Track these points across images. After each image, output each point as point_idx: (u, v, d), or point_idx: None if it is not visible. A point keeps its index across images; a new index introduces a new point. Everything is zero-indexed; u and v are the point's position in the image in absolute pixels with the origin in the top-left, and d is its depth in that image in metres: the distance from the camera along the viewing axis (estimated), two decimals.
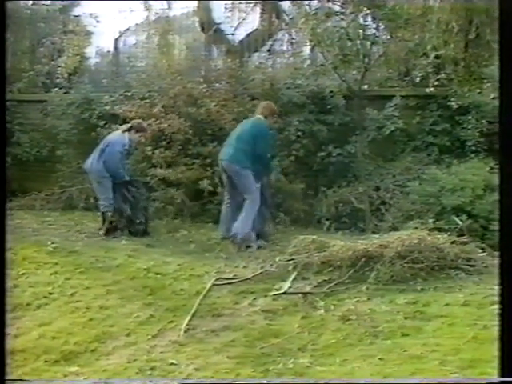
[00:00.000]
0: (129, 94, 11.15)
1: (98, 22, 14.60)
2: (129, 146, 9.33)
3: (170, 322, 6.41)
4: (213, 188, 9.82)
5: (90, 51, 15.23)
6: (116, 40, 14.33)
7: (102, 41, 17.48)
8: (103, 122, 10.80)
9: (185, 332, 6.16)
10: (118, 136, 9.41)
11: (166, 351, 5.88)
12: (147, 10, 14.17)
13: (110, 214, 9.15)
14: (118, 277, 7.46)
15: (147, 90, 10.99)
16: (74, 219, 10.20)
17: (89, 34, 14.89)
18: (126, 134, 9.33)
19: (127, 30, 14.76)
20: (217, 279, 7.18)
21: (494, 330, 5.71)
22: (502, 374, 3.20)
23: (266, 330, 6.16)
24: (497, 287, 6.55)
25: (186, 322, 6.30)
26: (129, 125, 9.48)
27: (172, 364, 5.64)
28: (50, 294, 7.13)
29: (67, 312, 6.73)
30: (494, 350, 5.38)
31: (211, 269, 7.56)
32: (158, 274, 7.50)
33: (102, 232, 9.19)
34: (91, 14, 14.51)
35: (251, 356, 5.71)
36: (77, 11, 15.20)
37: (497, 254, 7.68)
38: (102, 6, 15.65)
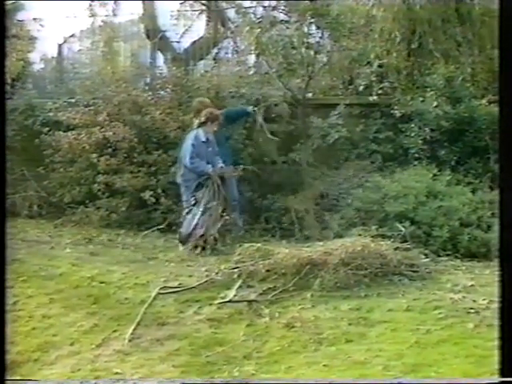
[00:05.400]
0: (73, 100, 11.02)
1: (42, 26, 14.38)
2: (206, 139, 9.08)
3: (115, 331, 6.37)
4: (155, 199, 9.79)
5: (34, 57, 14.95)
6: (60, 46, 14.19)
7: (46, 46, 17.21)
8: (47, 129, 10.65)
9: (129, 341, 6.13)
10: (189, 134, 9.29)
11: (111, 360, 5.84)
12: (92, 16, 14.06)
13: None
14: (62, 285, 7.39)
15: (91, 97, 10.88)
16: (17, 227, 10.04)
17: (33, 39, 14.61)
18: (200, 128, 9.14)
19: (72, 35, 14.64)
20: (161, 288, 7.14)
21: (437, 335, 5.82)
22: (502, 374, 3.26)
23: (211, 338, 6.15)
24: (439, 292, 6.69)
25: (130, 331, 6.27)
26: (202, 119, 9.19)
27: (116, 373, 5.61)
28: None
29: (9, 321, 6.62)
30: (436, 354, 5.49)
31: (156, 277, 7.52)
32: (102, 282, 7.43)
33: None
34: (35, 19, 14.28)
35: (196, 364, 5.72)
36: (20, 15, 14.97)
37: (439, 259, 7.86)
38: (46, 11, 15.39)
